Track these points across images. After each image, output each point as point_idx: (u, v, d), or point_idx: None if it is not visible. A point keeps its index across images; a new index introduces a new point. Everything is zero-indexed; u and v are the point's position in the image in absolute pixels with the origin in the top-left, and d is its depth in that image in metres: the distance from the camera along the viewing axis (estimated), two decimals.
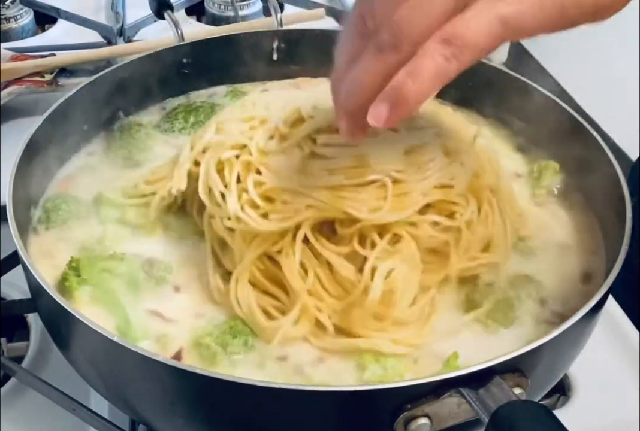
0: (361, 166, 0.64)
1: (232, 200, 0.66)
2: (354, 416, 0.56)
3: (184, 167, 0.71)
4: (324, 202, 0.63)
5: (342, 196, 0.63)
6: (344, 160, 0.64)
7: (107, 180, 0.80)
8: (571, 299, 0.69)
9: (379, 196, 0.63)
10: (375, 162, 0.64)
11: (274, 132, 0.68)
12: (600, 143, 0.74)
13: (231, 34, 0.92)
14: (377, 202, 0.63)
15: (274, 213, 0.64)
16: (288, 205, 0.64)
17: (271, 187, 0.65)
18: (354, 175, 0.64)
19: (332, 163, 0.64)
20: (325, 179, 0.64)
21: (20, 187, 0.70)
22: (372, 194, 0.63)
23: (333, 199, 0.63)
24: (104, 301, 0.67)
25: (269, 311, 0.65)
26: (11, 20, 1.31)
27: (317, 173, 0.64)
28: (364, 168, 0.64)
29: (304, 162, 0.65)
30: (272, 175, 0.65)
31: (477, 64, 0.86)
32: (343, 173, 0.63)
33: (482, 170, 0.70)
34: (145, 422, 0.67)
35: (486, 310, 0.66)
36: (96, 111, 0.85)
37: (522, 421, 0.50)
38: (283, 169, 0.65)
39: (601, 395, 0.80)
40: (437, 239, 0.66)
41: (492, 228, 0.68)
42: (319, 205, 0.63)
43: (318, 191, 0.63)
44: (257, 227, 0.64)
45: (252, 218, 0.64)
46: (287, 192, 0.64)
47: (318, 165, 0.64)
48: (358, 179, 0.63)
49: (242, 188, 0.66)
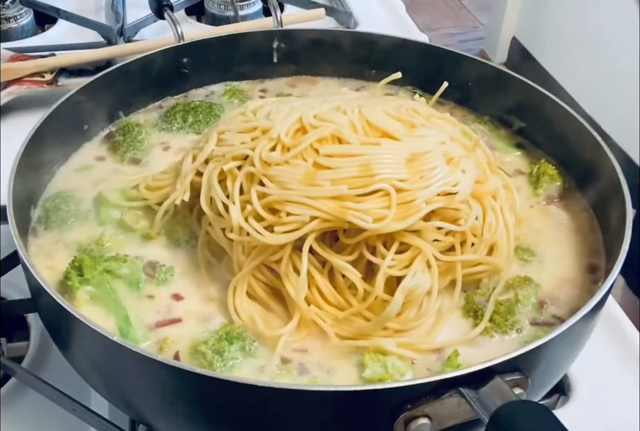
0: (365, 175, 0.64)
1: (236, 212, 0.65)
2: (354, 416, 0.56)
3: (187, 179, 0.71)
4: (329, 212, 0.63)
5: (346, 206, 0.63)
6: (348, 170, 0.64)
7: (106, 180, 0.80)
8: (571, 300, 0.69)
9: (383, 205, 0.63)
10: (378, 171, 0.64)
11: (276, 142, 0.67)
12: (600, 143, 0.74)
13: (231, 33, 0.92)
14: (381, 211, 0.63)
15: (279, 225, 0.64)
16: (292, 216, 0.64)
17: (275, 199, 0.64)
18: (358, 184, 0.64)
19: (335, 173, 0.64)
20: (329, 189, 0.63)
21: (20, 187, 0.70)
22: (376, 203, 0.63)
23: (337, 209, 0.63)
24: (105, 301, 0.67)
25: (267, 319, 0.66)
26: (11, 20, 1.31)
27: (320, 184, 0.64)
28: (367, 177, 0.64)
29: (307, 173, 0.65)
30: (275, 186, 0.65)
31: (477, 64, 0.88)
32: (347, 183, 0.63)
33: (484, 177, 0.71)
34: (145, 422, 0.67)
35: (487, 314, 0.66)
36: (96, 111, 0.85)
37: (522, 421, 0.50)
38: (287, 180, 0.64)
39: (601, 395, 0.80)
40: (442, 243, 0.66)
41: (495, 233, 0.68)
42: (323, 216, 0.63)
43: (322, 202, 0.63)
44: (262, 239, 0.64)
45: (257, 231, 0.64)
46: (291, 203, 0.64)
47: (321, 175, 0.64)
48: (362, 189, 0.63)
49: (245, 200, 0.66)
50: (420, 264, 0.64)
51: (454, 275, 0.67)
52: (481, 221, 0.68)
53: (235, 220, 0.65)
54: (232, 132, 0.71)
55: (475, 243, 0.68)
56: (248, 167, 0.66)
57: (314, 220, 0.63)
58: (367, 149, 0.65)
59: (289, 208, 0.64)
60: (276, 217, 0.64)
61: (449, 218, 0.66)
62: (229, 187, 0.67)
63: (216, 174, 0.68)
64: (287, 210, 0.64)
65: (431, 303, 0.65)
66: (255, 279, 0.67)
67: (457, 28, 3.47)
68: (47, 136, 0.76)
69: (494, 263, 0.68)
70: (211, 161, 0.70)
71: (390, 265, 0.64)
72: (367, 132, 0.68)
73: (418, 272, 0.64)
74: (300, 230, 0.63)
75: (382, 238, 0.65)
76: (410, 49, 0.91)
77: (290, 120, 0.68)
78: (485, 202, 0.69)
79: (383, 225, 0.63)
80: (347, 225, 0.64)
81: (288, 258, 0.65)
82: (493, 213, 0.69)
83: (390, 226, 0.63)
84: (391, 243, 0.65)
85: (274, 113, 0.71)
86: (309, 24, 1.17)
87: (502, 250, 0.69)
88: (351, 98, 0.74)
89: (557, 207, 0.79)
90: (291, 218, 0.64)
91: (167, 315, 0.67)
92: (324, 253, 0.65)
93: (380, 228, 0.63)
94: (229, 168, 0.68)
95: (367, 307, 0.64)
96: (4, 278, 0.81)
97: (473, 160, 0.71)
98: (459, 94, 0.91)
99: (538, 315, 0.68)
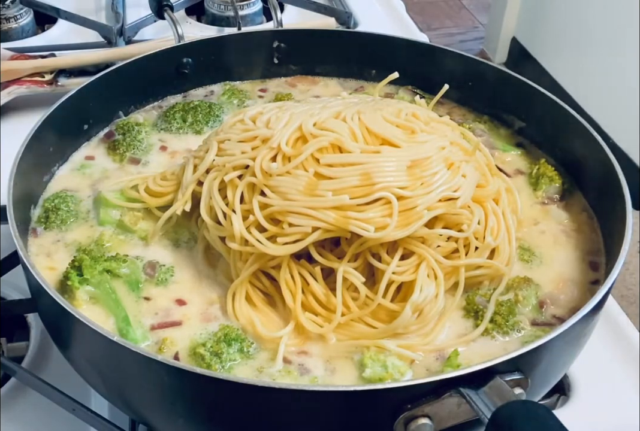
0: (366, 184, 0.64)
1: (238, 222, 0.65)
2: (354, 416, 0.56)
3: (188, 189, 0.71)
4: (331, 223, 0.63)
5: (348, 216, 0.63)
6: (349, 180, 0.64)
7: (106, 180, 0.80)
8: (571, 300, 0.69)
9: (385, 213, 0.63)
10: (379, 180, 0.64)
11: (276, 152, 0.67)
12: (600, 142, 0.74)
13: (231, 33, 0.92)
14: (383, 219, 0.63)
15: (281, 236, 0.64)
16: (295, 227, 0.64)
17: (277, 209, 0.64)
18: (359, 193, 0.64)
19: (336, 183, 0.64)
20: (331, 199, 0.63)
21: (20, 187, 0.70)
22: (378, 212, 0.64)
23: (339, 219, 0.63)
24: (105, 301, 0.67)
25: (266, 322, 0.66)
26: (11, 20, 1.31)
27: (322, 194, 0.64)
28: (368, 186, 0.64)
29: (308, 183, 0.64)
30: (277, 196, 0.65)
31: (477, 64, 0.88)
32: (348, 193, 0.63)
33: (485, 180, 0.71)
34: (145, 422, 0.67)
35: (488, 315, 0.67)
36: (96, 111, 0.85)
37: (522, 421, 0.50)
38: (288, 190, 0.64)
39: (601, 395, 0.80)
40: (446, 248, 0.66)
41: (497, 237, 0.69)
42: (325, 227, 0.63)
43: (324, 212, 0.63)
44: (265, 250, 0.64)
45: (259, 242, 0.64)
46: (293, 214, 0.64)
47: (323, 185, 0.64)
48: (363, 198, 0.63)
49: (246, 210, 0.66)
50: (424, 272, 0.65)
51: (457, 277, 0.67)
52: (483, 225, 0.68)
53: (237, 230, 0.65)
54: (232, 141, 0.70)
55: (478, 247, 0.68)
56: (249, 177, 0.66)
57: (316, 230, 0.63)
58: (367, 158, 0.65)
59: (291, 219, 0.64)
60: (278, 228, 0.64)
61: (451, 223, 0.67)
62: (230, 196, 0.67)
63: (217, 184, 0.68)
64: (289, 221, 0.64)
65: (434, 309, 0.65)
66: (252, 285, 0.67)
67: (457, 28, 3.47)
68: (47, 136, 0.76)
69: (496, 267, 0.68)
70: (212, 170, 0.70)
71: (395, 271, 0.64)
72: (367, 139, 0.68)
73: (424, 284, 0.64)
74: (303, 241, 0.64)
75: (385, 246, 0.65)
76: (410, 48, 0.91)
77: (290, 128, 0.68)
78: (486, 206, 0.69)
79: (385, 233, 0.63)
80: (349, 235, 0.64)
81: (286, 265, 0.65)
82: (495, 217, 0.69)
83: (392, 234, 0.63)
84: (395, 250, 0.65)
85: (274, 121, 0.70)
86: (309, 24, 1.17)
87: (504, 252, 0.69)
88: (350, 103, 0.74)
89: (557, 207, 0.79)
90: (293, 229, 0.64)
91: (167, 317, 0.67)
92: (323, 261, 0.65)
93: (383, 236, 0.63)
94: (230, 179, 0.68)
95: (371, 314, 0.64)
96: (4, 278, 0.81)
97: (474, 164, 0.71)
98: (459, 94, 0.91)
99: (538, 316, 0.68)
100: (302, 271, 0.66)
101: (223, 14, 1.37)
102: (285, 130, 0.68)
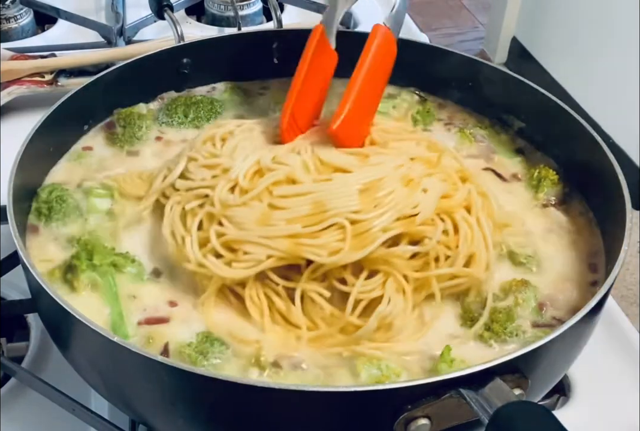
0: (318, 212, 0.66)
1: (193, 247, 0.68)
2: (354, 417, 0.56)
3: (152, 197, 0.74)
4: (283, 251, 0.65)
5: (301, 243, 0.65)
6: (301, 209, 0.66)
7: (105, 180, 0.80)
8: (570, 301, 0.69)
9: (338, 238, 0.65)
10: (331, 206, 0.66)
11: (234, 183, 0.69)
12: (600, 143, 0.74)
13: (231, 34, 0.92)
14: (336, 244, 0.65)
15: (237, 262, 0.66)
16: (249, 255, 0.66)
17: (232, 238, 0.67)
18: (312, 222, 0.66)
19: (289, 213, 0.66)
20: (284, 229, 0.66)
21: (20, 187, 0.70)
22: (331, 237, 0.65)
23: (292, 247, 0.65)
24: (105, 293, 0.68)
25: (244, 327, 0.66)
26: (11, 20, 1.31)
27: (276, 224, 0.66)
28: (320, 213, 0.66)
29: (263, 214, 0.67)
30: (233, 226, 0.67)
31: (477, 64, 0.88)
32: (301, 222, 0.66)
33: (453, 190, 0.71)
34: (145, 422, 0.67)
35: (483, 322, 0.67)
36: (96, 111, 0.85)
37: (522, 421, 0.50)
38: (244, 221, 0.67)
39: (601, 395, 0.80)
40: (416, 261, 0.67)
41: (472, 244, 0.68)
42: (278, 255, 0.65)
43: (277, 241, 0.65)
44: (220, 273, 0.66)
45: (215, 265, 0.67)
46: (248, 243, 0.66)
47: (277, 215, 0.66)
48: (317, 226, 0.65)
49: (204, 237, 0.68)
50: (392, 287, 0.65)
51: (429, 290, 0.67)
52: (453, 234, 0.68)
53: (192, 255, 0.67)
54: (198, 163, 0.73)
55: (450, 256, 0.68)
56: (209, 207, 0.69)
57: (270, 258, 0.65)
58: (318, 186, 0.68)
59: (246, 247, 0.66)
60: (234, 255, 0.66)
61: (417, 238, 0.67)
62: (189, 223, 0.70)
63: (179, 210, 0.71)
64: (244, 249, 0.66)
65: (404, 321, 0.66)
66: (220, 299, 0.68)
67: (457, 28, 3.47)
68: (47, 137, 0.76)
69: (472, 275, 0.68)
70: (174, 195, 0.73)
71: (361, 291, 0.65)
72: (319, 169, 0.70)
73: (392, 297, 0.65)
74: (257, 267, 0.66)
75: (349, 268, 0.66)
76: (410, 49, 0.91)
77: (248, 162, 0.71)
78: (455, 216, 0.69)
79: (339, 257, 0.64)
80: (303, 261, 0.66)
81: (252, 284, 0.67)
82: (467, 224, 0.69)
83: (347, 257, 0.64)
84: (360, 271, 0.66)
85: (239, 150, 0.73)
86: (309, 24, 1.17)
87: (481, 260, 0.69)
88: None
89: (557, 210, 0.79)
90: (248, 257, 0.66)
91: (155, 314, 0.67)
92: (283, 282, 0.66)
93: (337, 261, 0.64)
94: (191, 208, 0.70)
95: (339, 330, 0.65)
96: (4, 278, 0.81)
97: (439, 176, 0.71)
98: (458, 94, 0.91)
99: (539, 318, 0.68)
100: (266, 290, 0.67)
101: (223, 14, 1.37)
102: (244, 164, 0.71)
